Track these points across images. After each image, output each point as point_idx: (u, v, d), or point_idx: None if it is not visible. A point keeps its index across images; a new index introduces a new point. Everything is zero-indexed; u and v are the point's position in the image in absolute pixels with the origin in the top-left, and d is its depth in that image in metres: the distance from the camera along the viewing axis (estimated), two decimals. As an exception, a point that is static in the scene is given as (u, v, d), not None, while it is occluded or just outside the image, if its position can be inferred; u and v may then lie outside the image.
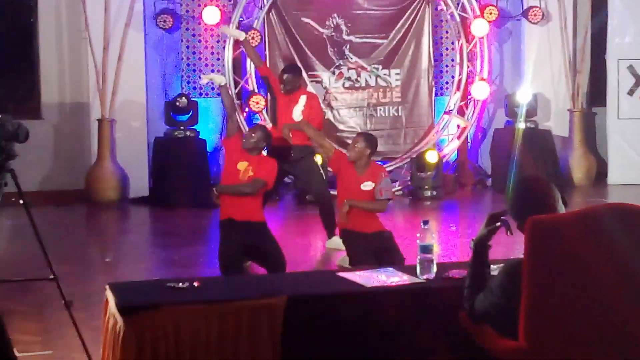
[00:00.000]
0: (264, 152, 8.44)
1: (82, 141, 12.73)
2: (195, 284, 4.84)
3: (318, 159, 10.06)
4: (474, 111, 13.46)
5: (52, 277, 5.76)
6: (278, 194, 12.12)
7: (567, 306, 3.68)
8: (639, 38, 13.63)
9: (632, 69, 13.63)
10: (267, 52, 12.78)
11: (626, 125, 13.67)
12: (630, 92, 13.67)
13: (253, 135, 8.08)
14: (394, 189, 12.67)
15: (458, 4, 13.30)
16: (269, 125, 11.35)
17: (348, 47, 13.12)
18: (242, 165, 7.87)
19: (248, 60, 12.65)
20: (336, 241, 9.12)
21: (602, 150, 14.10)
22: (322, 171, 9.68)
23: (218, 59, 12.95)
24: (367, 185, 7.78)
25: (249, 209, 7.79)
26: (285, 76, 9.76)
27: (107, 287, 4.87)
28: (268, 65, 12.38)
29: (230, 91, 11.19)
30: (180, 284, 4.82)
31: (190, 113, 12.52)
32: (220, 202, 7.95)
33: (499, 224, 4.17)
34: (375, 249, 7.58)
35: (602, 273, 3.69)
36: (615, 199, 12.34)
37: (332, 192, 9.38)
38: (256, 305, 4.61)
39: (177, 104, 12.39)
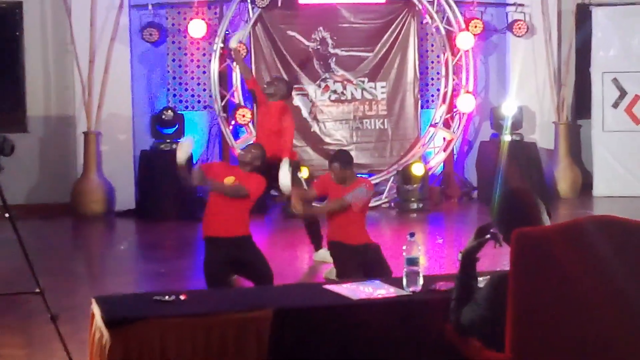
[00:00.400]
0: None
1: (68, 154, 12.72)
2: (182, 297, 4.83)
3: (304, 172, 10.08)
4: (459, 124, 13.49)
5: (37, 290, 5.74)
6: (265, 207, 12.14)
7: (552, 318, 3.69)
8: (623, 51, 13.71)
9: (616, 82, 13.69)
10: (253, 66, 12.80)
11: (611, 137, 13.72)
12: (615, 105, 13.73)
13: (253, 150, 8.00)
14: (378, 202, 12.78)
15: (443, 18, 13.35)
16: (254, 139, 11.44)
17: (334, 60, 13.15)
18: (228, 180, 7.78)
19: (234, 73, 12.69)
20: (323, 254, 9.12)
21: (587, 162, 14.15)
22: (305, 185, 9.67)
23: (204, 72, 12.97)
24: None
25: (233, 224, 7.73)
26: (276, 82, 9.87)
27: (93, 300, 4.86)
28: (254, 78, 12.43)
29: (215, 106, 11.25)
30: (167, 297, 4.81)
31: (177, 126, 12.52)
32: (204, 218, 7.88)
33: (487, 236, 4.18)
34: (363, 261, 7.58)
35: (588, 285, 3.70)
36: (600, 211, 12.39)
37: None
38: (243, 318, 4.61)
39: (163, 117, 12.40)
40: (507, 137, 13.08)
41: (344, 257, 7.68)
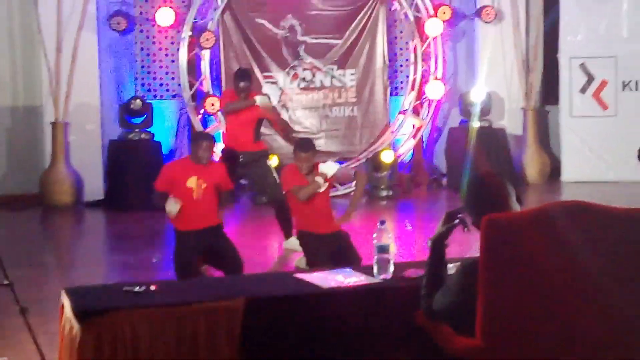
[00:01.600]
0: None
1: (36, 145, 12.64)
2: (152, 288, 4.81)
3: (273, 160, 10.08)
4: (428, 110, 13.52)
5: (6, 282, 5.70)
6: (233, 195, 12.11)
7: (522, 304, 3.70)
8: (591, 36, 13.77)
9: (584, 67, 13.76)
10: (222, 54, 12.75)
11: (579, 122, 13.80)
12: (583, 90, 13.80)
13: (201, 147, 7.84)
14: (348, 189, 12.77)
15: (412, 4, 13.35)
16: (223, 127, 11.47)
17: (303, 47, 13.13)
18: (191, 182, 7.62)
19: (202, 62, 12.63)
20: (293, 242, 9.12)
21: (555, 148, 14.23)
22: (275, 174, 9.67)
23: (172, 61, 12.91)
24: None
25: (204, 216, 7.69)
26: (242, 84, 9.80)
27: (63, 291, 4.83)
28: (223, 67, 12.50)
29: (184, 95, 11.25)
30: (137, 287, 4.80)
31: (145, 116, 12.46)
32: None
33: (456, 221, 4.19)
34: (332, 250, 7.59)
35: (557, 270, 3.71)
36: (568, 196, 12.45)
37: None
38: (214, 307, 4.60)
39: (132, 106, 12.33)
40: (475, 124, 13.12)
41: (314, 246, 7.68)
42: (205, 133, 9.28)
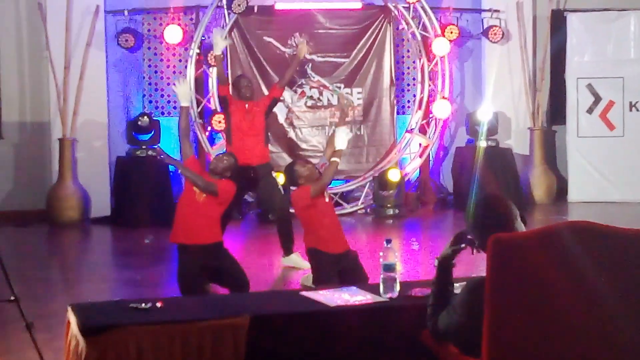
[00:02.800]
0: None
1: (43, 161, 12.66)
2: (158, 305, 4.82)
3: (280, 178, 10.07)
4: (435, 129, 13.52)
5: (12, 298, 5.71)
6: (240, 212, 12.13)
7: (529, 324, 3.70)
8: (598, 57, 13.78)
9: (591, 88, 13.77)
10: (229, 71, 12.78)
11: (586, 143, 13.80)
12: (590, 111, 13.81)
13: (225, 160, 7.92)
14: (355, 208, 12.80)
15: (419, 23, 13.38)
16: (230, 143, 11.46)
17: (310, 66, 13.15)
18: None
19: (210, 79, 12.66)
20: (293, 258, 9.15)
21: (562, 168, 14.22)
22: (281, 188, 9.67)
23: (180, 78, 12.94)
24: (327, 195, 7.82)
25: (203, 232, 7.67)
26: (243, 80, 9.88)
27: (69, 308, 4.84)
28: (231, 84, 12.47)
29: (191, 112, 11.23)
30: (143, 304, 4.80)
31: (152, 132, 12.49)
32: (174, 225, 7.81)
33: (463, 245, 4.19)
34: (340, 268, 7.56)
35: (563, 291, 3.71)
36: (575, 216, 12.45)
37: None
38: (219, 325, 4.60)
39: (139, 123, 12.36)
40: (482, 143, 13.12)
41: (322, 265, 7.62)
42: (231, 153, 9.11)
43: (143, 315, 4.69)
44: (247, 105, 9.94)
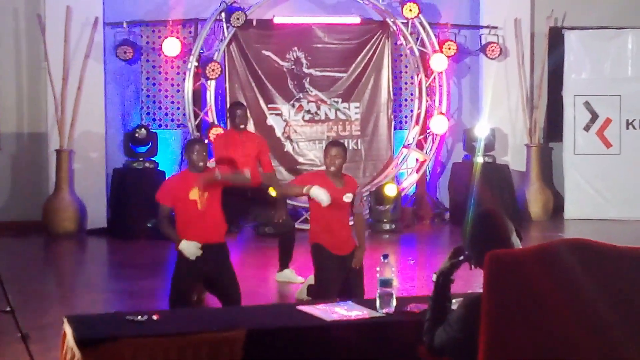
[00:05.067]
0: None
1: (40, 172, 12.66)
2: (154, 317, 4.82)
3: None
4: (432, 145, 13.55)
5: (8, 309, 5.71)
6: (238, 225, 12.11)
7: (525, 341, 3.70)
8: (595, 75, 13.83)
9: (588, 105, 13.81)
10: (227, 85, 12.81)
11: (582, 160, 13.82)
12: (587, 128, 13.84)
13: (195, 151, 7.48)
14: (351, 222, 12.73)
15: (417, 39, 13.42)
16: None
17: (308, 80, 13.18)
18: (194, 194, 7.40)
19: (207, 92, 12.65)
20: (287, 274, 9.14)
21: (558, 184, 14.24)
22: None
23: (178, 91, 12.96)
24: (348, 197, 7.48)
25: (212, 228, 7.46)
26: (238, 111, 9.70)
27: (65, 319, 4.83)
28: (228, 98, 12.52)
29: (189, 125, 11.18)
30: (139, 317, 4.80)
31: (150, 144, 12.49)
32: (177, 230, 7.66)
33: (462, 258, 4.19)
34: (342, 272, 7.39)
35: (560, 308, 3.71)
36: (571, 233, 12.46)
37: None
38: (216, 338, 4.60)
39: (137, 135, 12.37)
40: (479, 159, 13.15)
41: (325, 263, 7.39)
42: (195, 138, 9.00)
43: (139, 328, 4.69)
44: (241, 135, 9.72)
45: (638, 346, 3.75)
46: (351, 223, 7.75)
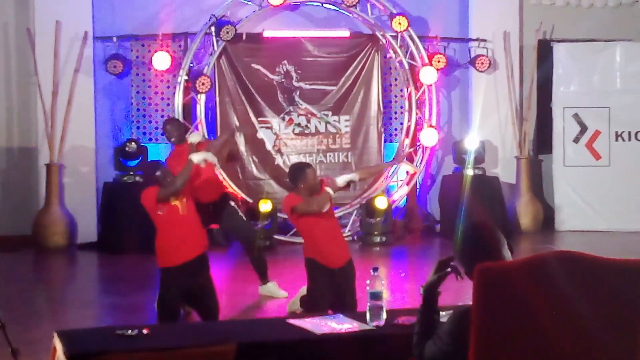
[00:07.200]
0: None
1: (30, 186, 12.64)
2: (145, 332, 4.81)
3: (267, 205, 10.02)
4: (422, 158, 13.57)
5: (-2, 324, 5.70)
6: (227, 240, 12.06)
7: (514, 353, 3.71)
8: (584, 87, 13.87)
9: (577, 117, 13.85)
10: (217, 98, 12.83)
11: (572, 172, 13.86)
12: (576, 140, 13.88)
13: (168, 127, 8.81)
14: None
15: (407, 52, 13.45)
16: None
17: (298, 93, 13.20)
18: (174, 201, 7.51)
19: (198, 106, 12.67)
20: (269, 287, 9.10)
21: (548, 197, 14.27)
22: (241, 213, 9.46)
23: (168, 105, 12.96)
24: (330, 190, 7.51)
25: (194, 235, 7.55)
26: (168, 126, 9.42)
27: (55, 334, 4.82)
28: (218, 112, 12.54)
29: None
30: (130, 331, 4.79)
31: (140, 158, 12.48)
32: (162, 250, 7.67)
33: (448, 269, 4.20)
34: (335, 287, 7.42)
35: (549, 320, 3.72)
36: (562, 245, 12.47)
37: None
38: (206, 352, 4.59)
39: (127, 149, 12.37)
40: (469, 171, 13.17)
41: (318, 277, 7.46)
42: (153, 162, 9.19)
43: (129, 342, 4.67)
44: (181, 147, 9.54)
45: (627, 356, 3.76)
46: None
